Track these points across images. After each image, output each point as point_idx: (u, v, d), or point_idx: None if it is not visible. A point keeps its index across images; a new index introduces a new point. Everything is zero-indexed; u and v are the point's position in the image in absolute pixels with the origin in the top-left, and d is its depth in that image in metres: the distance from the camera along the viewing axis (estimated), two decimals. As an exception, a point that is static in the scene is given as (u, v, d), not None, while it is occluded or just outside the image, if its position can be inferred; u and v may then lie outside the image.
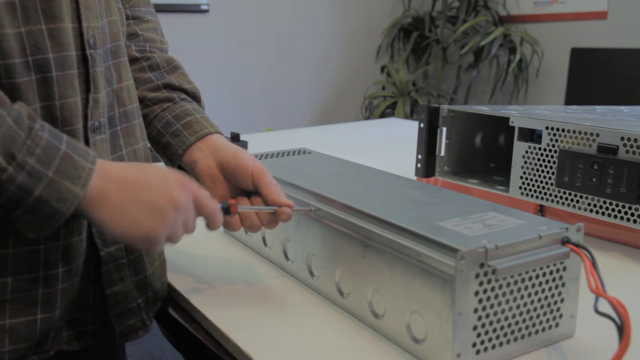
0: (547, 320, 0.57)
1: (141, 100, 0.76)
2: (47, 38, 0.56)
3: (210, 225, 0.63)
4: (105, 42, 0.64)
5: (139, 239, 0.57)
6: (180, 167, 0.75)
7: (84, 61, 0.60)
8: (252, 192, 0.69)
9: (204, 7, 3.02)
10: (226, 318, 0.65)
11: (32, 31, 0.55)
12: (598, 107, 1.11)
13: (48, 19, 0.56)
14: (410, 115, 3.29)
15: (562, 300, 0.58)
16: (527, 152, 0.85)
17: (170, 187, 0.57)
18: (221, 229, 0.92)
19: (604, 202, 0.76)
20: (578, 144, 0.78)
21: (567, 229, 0.56)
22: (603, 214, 0.77)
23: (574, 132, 0.79)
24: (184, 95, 0.78)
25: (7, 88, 0.53)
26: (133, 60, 0.77)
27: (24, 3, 0.54)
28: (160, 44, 0.81)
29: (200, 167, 0.71)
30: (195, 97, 0.79)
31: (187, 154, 0.73)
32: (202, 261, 0.82)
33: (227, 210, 0.65)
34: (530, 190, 0.85)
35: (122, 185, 0.55)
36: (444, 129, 0.95)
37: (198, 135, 0.73)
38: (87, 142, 0.61)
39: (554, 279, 0.56)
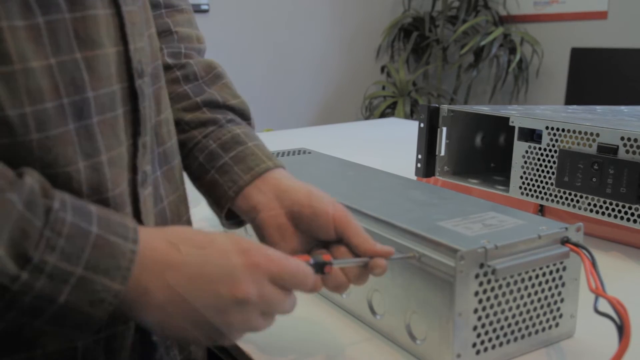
0: (547, 320, 0.57)
1: (176, 123, 0.60)
2: (84, 70, 0.42)
3: (304, 291, 0.48)
4: (149, 64, 0.50)
5: (196, 342, 0.46)
6: (230, 211, 0.59)
7: (132, 96, 0.46)
8: (331, 242, 0.54)
9: (204, 7, 3.02)
10: (226, 318, 0.65)
11: (64, 63, 0.41)
12: (598, 107, 1.11)
13: (83, 44, 0.42)
14: (410, 115, 3.29)
15: (562, 300, 0.58)
16: (527, 152, 0.85)
17: (234, 279, 0.42)
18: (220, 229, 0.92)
19: (604, 202, 0.76)
20: (578, 144, 0.78)
21: (566, 228, 0.56)
22: (603, 214, 0.77)
23: (574, 132, 0.79)
24: (230, 115, 0.62)
25: (38, 146, 0.40)
26: (164, 69, 0.61)
27: (51, 24, 0.40)
28: (198, 43, 0.66)
29: (263, 216, 0.55)
30: (243, 115, 0.64)
31: (241, 197, 0.57)
32: (202, 261, 0.82)
33: (320, 268, 0.49)
34: (530, 190, 0.85)
35: (169, 282, 0.41)
36: (444, 129, 0.95)
37: (254, 172, 0.57)
38: (136, 202, 0.48)
39: (553, 279, 0.56)
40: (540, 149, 0.83)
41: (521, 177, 0.86)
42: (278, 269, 0.44)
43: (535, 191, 0.84)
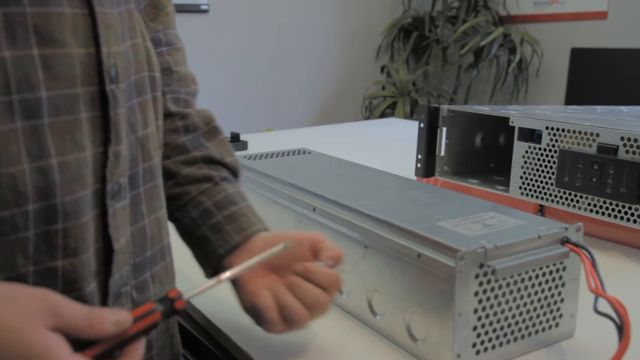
0: (547, 320, 0.57)
1: (172, 175, 0.61)
2: (40, 68, 0.41)
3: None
4: (129, 73, 0.49)
5: None
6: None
7: (102, 101, 0.45)
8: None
9: (204, 7, 3.02)
10: (226, 318, 0.65)
11: (19, 58, 0.40)
12: (598, 107, 1.11)
13: (42, 41, 0.41)
14: (410, 115, 3.29)
15: (562, 300, 0.58)
16: (527, 152, 0.85)
17: None
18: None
19: (604, 202, 0.76)
20: (578, 144, 0.78)
21: (566, 229, 0.56)
22: (603, 214, 0.77)
23: (574, 132, 0.79)
24: (225, 173, 0.64)
25: None
26: (166, 115, 0.62)
27: (9, 17, 0.39)
28: (193, 84, 0.67)
29: (243, 281, 0.57)
30: (235, 173, 0.66)
31: (230, 257, 0.59)
32: (202, 261, 0.82)
33: (170, 307, 0.44)
34: (530, 190, 0.85)
35: None
36: (444, 129, 0.95)
37: (245, 234, 0.59)
38: (104, 214, 0.46)
39: (553, 279, 0.56)
40: (540, 149, 0.83)
41: (521, 177, 0.86)
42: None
43: (535, 191, 0.84)
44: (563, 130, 0.80)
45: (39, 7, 0.40)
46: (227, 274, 0.50)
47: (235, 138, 1.55)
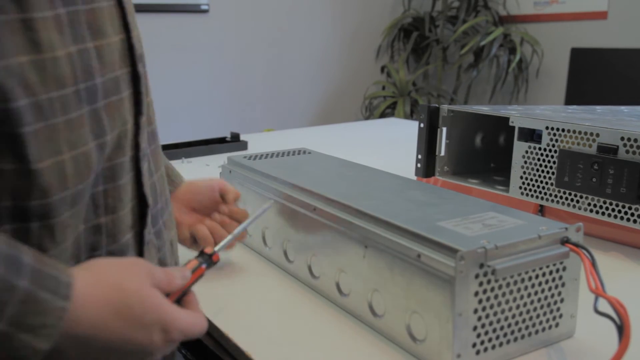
0: (547, 320, 0.57)
1: None
2: (95, 58, 0.47)
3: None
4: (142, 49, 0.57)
5: None
6: None
7: (134, 80, 0.52)
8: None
9: (204, 7, 3.02)
10: (226, 318, 0.65)
11: (81, 51, 0.45)
12: (598, 107, 1.11)
13: (94, 34, 0.47)
14: (410, 115, 3.29)
15: (562, 300, 0.58)
16: (527, 152, 0.85)
17: (149, 353, 0.45)
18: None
19: (604, 202, 0.76)
20: (578, 144, 0.78)
21: (566, 229, 0.56)
22: (603, 214, 0.77)
23: (574, 132, 0.79)
24: None
25: (64, 127, 0.44)
26: None
27: (70, 15, 0.45)
28: None
29: (176, 220, 0.72)
30: None
31: None
32: (202, 261, 0.82)
33: (211, 262, 0.56)
34: (530, 190, 0.85)
35: (88, 347, 0.42)
36: (444, 129, 0.95)
37: (174, 184, 0.74)
38: (139, 175, 0.53)
39: (553, 279, 0.56)
40: (540, 149, 0.83)
41: (521, 177, 0.86)
42: (186, 337, 0.48)
43: (535, 191, 0.84)
44: (563, 130, 0.80)
45: (87, 4, 0.46)
46: (240, 228, 0.63)
47: (235, 138, 1.55)
